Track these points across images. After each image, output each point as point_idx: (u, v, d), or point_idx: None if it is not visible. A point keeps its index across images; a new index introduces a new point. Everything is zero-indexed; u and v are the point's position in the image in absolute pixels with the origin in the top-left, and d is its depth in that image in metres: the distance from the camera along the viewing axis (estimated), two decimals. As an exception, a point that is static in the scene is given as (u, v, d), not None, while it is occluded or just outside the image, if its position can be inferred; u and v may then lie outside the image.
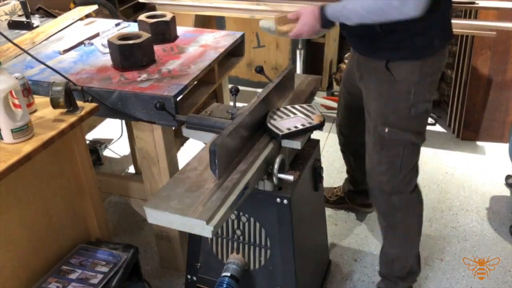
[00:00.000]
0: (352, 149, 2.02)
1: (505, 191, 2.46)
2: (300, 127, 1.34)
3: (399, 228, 1.70)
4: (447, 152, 2.79)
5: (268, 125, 1.34)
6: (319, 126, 1.37)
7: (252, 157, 1.24)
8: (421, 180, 1.82)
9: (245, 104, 1.39)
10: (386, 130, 1.52)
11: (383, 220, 1.73)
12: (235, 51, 1.97)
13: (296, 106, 1.45)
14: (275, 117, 1.38)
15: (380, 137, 1.55)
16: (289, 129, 1.32)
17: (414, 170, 1.61)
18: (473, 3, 2.45)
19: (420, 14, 1.23)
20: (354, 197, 2.25)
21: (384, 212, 1.71)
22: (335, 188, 2.34)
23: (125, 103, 1.53)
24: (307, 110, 1.43)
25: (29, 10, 2.10)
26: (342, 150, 2.10)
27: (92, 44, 1.89)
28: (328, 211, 2.25)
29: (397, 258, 1.76)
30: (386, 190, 1.62)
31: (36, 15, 2.26)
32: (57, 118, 1.37)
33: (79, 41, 1.90)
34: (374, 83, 1.52)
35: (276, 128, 1.32)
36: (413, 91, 1.46)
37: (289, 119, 1.37)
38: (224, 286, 1.41)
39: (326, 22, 1.43)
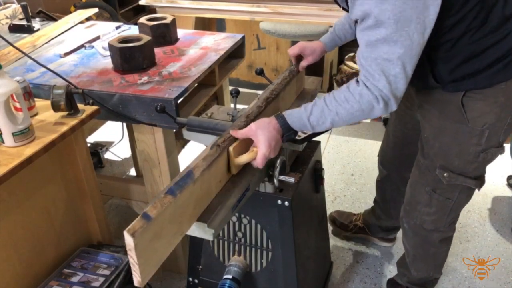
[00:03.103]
0: (392, 183, 1.80)
1: (507, 192, 2.46)
2: None
3: (429, 259, 1.65)
4: (448, 153, 2.79)
5: None
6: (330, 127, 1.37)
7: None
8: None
9: (246, 106, 1.39)
10: (445, 175, 1.34)
11: (413, 251, 1.65)
12: (235, 53, 1.97)
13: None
14: None
15: (435, 180, 1.38)
16: (304, 132, 1.31)
17: (460, 211, 1.51)
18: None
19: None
20: (377, 231, 2.06)
21: (415, 246, 1.62)
22: (354, 215, 2.13)
23: (126, 106, 1.53)
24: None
25: (30, 14, 2.10)
26: (380, 181, 1.88)
27: (92, 47, 1.90)
28: (329, 212, 2.25)
29: (420, 278, 1.73)
30: (428, 228, 1.51)
31: (37, 19, 2.26)
32: (58, 121, 1.37)
33: (79, 44, 1.90)
34: (436, 117, 1.31)
35: None
36: (486, 134, 1.25)
37: None
38: (226, 288, 1.41)
39: (287, 133, 1.16)
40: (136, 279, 0.86)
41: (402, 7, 0.97)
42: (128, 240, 0.81)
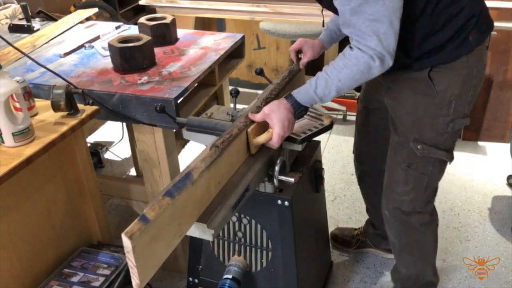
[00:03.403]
0: (369, 180, 1.85)
1: (507, 191, 2.46)
2: (314, 129, 1.34)
3: (414, 248, 1.63)
4: (449, 152, 2.79)
5: None
6: (330, 127, 1.37)
7: (253, 159, 1.24)
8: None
9: (246, 106, 1.39)
10: (419, 147, 1.41)
11: (397, 241, 1.65)
12: (235, 53, 1.97)
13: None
14: None
15: (409, 154, 1.44)
16: (304, 132, 1.32)
17: (435, 190, 1.55)
18: (473, 3, 2.45)
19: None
20: (378, 241, 2.02)
21: (398, 233, 1.63)
22: (355, 230, 2.10)
23: (126, 106, 1.53)
24: (312, 112, 1.43)
25: (30, 14, 2.10)
26: (359, 183, 1.92)
27: (92, 47, 1.90)
28: (329, 211, 2.25)
29: (411, 276, 1.70)
30: (406, 210, 1.54)
31: (37, 19, 2.26)
32: (58, 121, 1.37)
33: (79, 44, 1.90)
34: (408, 95, 1.39)
35: (292, 133, 1.31)
36: (453, 105, 1.35)
37: (299, 122, 1.37)
38: (226, 288, 1.41)
39: (298, 110, 1.25)
40: (135, 281, 0.86)
41: None
42: (126, 242, 0.81)
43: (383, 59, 1.16)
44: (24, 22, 2.09)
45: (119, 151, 2.83)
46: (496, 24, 2.42)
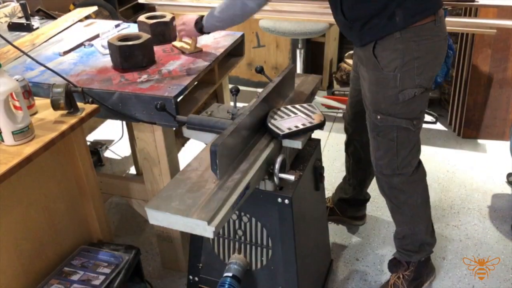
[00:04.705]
0: (352, 149, 2.00)
1: (507, 189, 2.46)
2: (301, 126, 1.33)
3: (403, 208, 1.72)
4: (448, 150, 2.79)
5: (269, 125, 1.34)
6: (320, 126, 1.37)
7: (253, 157, 1.24)
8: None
9: (246, 104, 1.39)
10: (378, 117, 1.55)
11: (389, 202, 1.75)
12: (235, 51, 1.97)
13: (297, 105, 1.45)
14: (275, 117, 1.38)
15: (373, 124, 1.59)
16: (289, 128, 1.32)
17: (413, 151, 1.63)
18: (473, 0, 2.45)
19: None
20: (344, 208, 2.18)
21: (387, 194, 1.73)
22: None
23: (126, 104, 1.53)
24: (308, 110, 1.43)
25: (29, 12, 2.10)
26: (346, 150, 2.06)
27: (92, 45, 1.90)
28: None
29: (406, 235, 1.78)
30: (386, 173, 1.65)
31: (36, 17, 2.26)
32: (57, 120, 1.37)
33: (79, 43, 1.90)
34: (365, 71, 1.55)
35: (277, 128, 1.32)
36: (398, 77, 1.47)
37: (290, 119, 1.37)
38: (226, 286, 1.41)
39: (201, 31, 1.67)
40: None
41: None
42: None
43: None
44: (23, 21, 2.08)
45: (119, 149, 2.83)
46: (496, 22, 2.44)
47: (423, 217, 1.76)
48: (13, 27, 2.08)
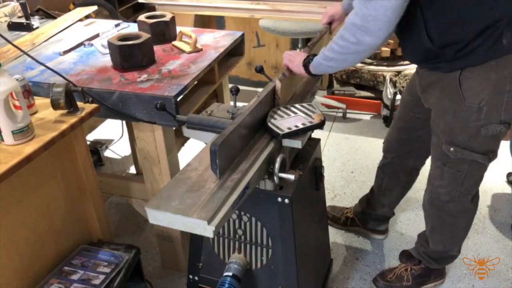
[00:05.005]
0: (392, 170, 1.89)
1: (507, 189, 2.46)
2: (301, 126, 1.33)
3: (446, 230, 1.68)
4: (448, 150, 2.79)
5: (269, 124, 1.34)
6: (320, 125, 1.37)
7: (253, 156, 1.24)
8: (423, 178, 1.82)
9: (246, 104, 1.39)
10: (452, 149, 1.43)
11: (430, 222, 1.71)
12: (235, 51, 1.97)
13: (297, 105, 1.45)
14: (275, 116, 1.38)
15: (443, 154, 1.47)
16: (289, 128, 1.32)
17: (477, 182, 1.55)
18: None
19: (382, 38, 1.17)
20: (366, 220, 2.11)
21: (432, 216, 1.68)
22: (346, 208, 2.21)
23: (126, 104, 1.53)
24: (308, 109, 1.43)
25: (29, 12, 2.10)
26: (380, 168, 1.95)
27: (92, 45, 1.89)
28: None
29: (437, 251, 1.77)
30: (443, 199, 1.59)
31: (36, 17, 2.26)
32: (57, 119, 1.37)
33: (79, 42, 1.90)
34: (438, 98, 1.40)
35: (277, 127, 1.32)
36: (484, 110, 1.32)
37: (290, 118, 1.37)
38: (226, 286, 1.41)
39: (312, 75, 1.43)
40: None
41: None
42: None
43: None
44: (23, 20, 2.08)
45: (119, 149, 2.83)
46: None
47: (461, 240, 1.74)
48: (13, 26, 2.08)
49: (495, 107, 1.32)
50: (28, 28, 2.06)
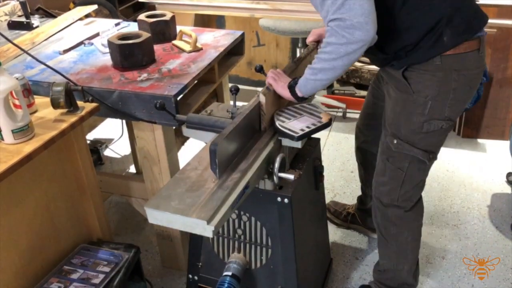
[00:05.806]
0: (363, 158, 1.93)
1: (506, 189, 2.46)
2: (312, 126, 1.33)
3: (391, 242, 1.66)
4: (448, 150, 2.79)
5: (279, 127, 1.33)
6: (329, 124, 1.38)
7: (253, 156, 1.24)
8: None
9: (246, 103, 1.39)
10: (395, 141, 1.46)
11: (378, 231, 1.70)
12: (235, 50, 1.97)
13: (298, 106, 1.45)
14: (282, 118, 1.37)
15: (387, 147, 1.50)
16: (302, 129, 1.32)
17: (417, 187, 1.55)
18: None
19: (370, 34, 1.17)
20: (364, 218, 2.11)
21: (378, 223, 1.67)
22: (349, 205, 2.23)
23: (126, 103, 1.53)
24: (311, 109, 1.43)
25: (29, 11, 2.10)
26: (356, 159, 1.99)
27: (92, 44, 1.89)
28: (329, 210, 2.25)
29: (387, 270, 1.74)
30: (384, 201, 1.59)
31: (36, 16, 2.26)
32: (57, 118, 1.37)
33: (79, 41, 1.90)
34: (393, 90, 1.45)
35: (289, 130, 1.31)
36: (429, 105, 1.37)
37: (298, 119, 1.37)
38: (226, 285, 1.41)
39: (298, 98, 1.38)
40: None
41: None
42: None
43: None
44: (23, 19, 2.08)
45: (119, 148, 2.83)
46: (495, 21, 2.44)
47: (409, 257, 1.69)
48: (13, 25, 2.08)
49: (440, 103, 1.37)
50: (28, 27, 2.05)
